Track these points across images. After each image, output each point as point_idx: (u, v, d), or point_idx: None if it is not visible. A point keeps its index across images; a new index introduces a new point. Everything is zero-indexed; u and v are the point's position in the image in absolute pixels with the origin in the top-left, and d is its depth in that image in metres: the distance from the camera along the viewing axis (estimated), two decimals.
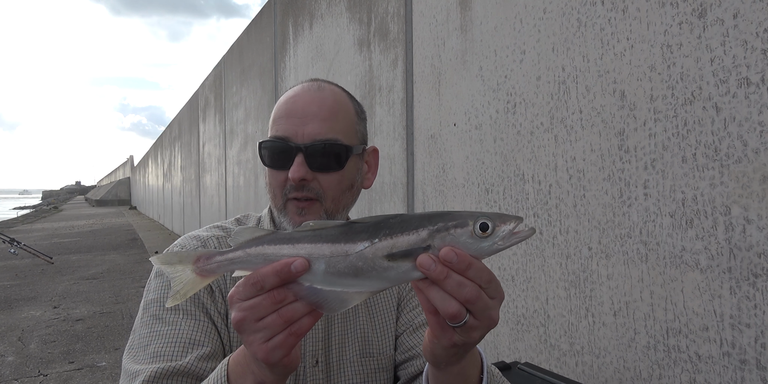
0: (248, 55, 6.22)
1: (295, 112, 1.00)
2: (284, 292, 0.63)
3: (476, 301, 0.62)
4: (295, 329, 0.64)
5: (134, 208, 29.80)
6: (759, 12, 1.18)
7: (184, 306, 0.96)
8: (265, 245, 0.65)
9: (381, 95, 2.98)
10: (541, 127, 1.81)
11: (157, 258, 0.69)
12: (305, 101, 1.01)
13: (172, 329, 0.93)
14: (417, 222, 0.63)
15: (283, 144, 0.99)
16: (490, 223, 0.62)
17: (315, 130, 0.99)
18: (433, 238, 0.62)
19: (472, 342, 0.67)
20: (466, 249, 0.62)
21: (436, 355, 0.72)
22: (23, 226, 18.47)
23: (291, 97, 1.03)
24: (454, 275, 0.61)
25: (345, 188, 1.04)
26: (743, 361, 1.23)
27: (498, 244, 0.63)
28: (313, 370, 1.03)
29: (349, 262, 0.62)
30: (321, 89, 1.04)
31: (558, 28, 1.74)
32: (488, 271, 0.64)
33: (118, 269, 8.14)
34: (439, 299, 0.62)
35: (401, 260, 0.62)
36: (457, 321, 0.63)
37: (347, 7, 3.44)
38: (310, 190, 1.00)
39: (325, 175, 1.00)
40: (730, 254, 1.25)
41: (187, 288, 0.67)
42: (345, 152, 1.02)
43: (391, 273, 0.62)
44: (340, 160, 1.01)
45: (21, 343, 4.61)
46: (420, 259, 0.61)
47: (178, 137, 12.96)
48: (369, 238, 0.62)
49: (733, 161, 1.24)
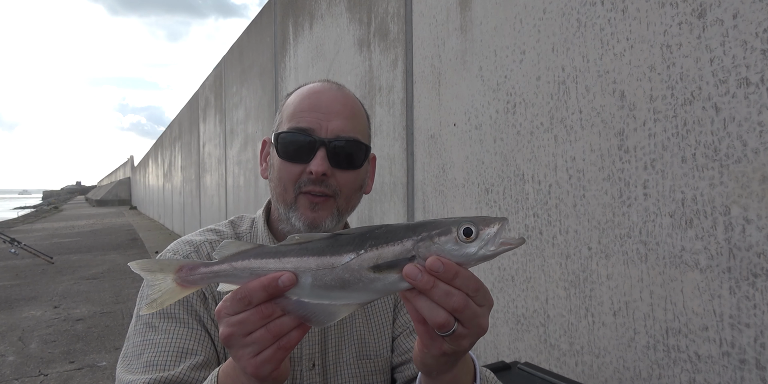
0: (248, 55, 6.22)
1: (320, 107, 1.00)
2: (272, 306, 0.62)
3: (464, 309, 0.62)
4: (283, 343, 0.63)
5: (134, 208, 29.81)
6: (759, 12, 1.18)
7: (178, 314, 0.96)
8: (251, 259, 0.64)
9: (381, 95, 2.99)
10: (541, 127, 1.82)
11: (137, 264, 0.67)
12: (329, 98, 1.01)
13: (164, 338, 0.93)
14: (402, 232, 0.63)
15: (305, 136, 0.98)
16: (473, 228, 0.62)
17: (339, 127, 0.99)
18: (419, 247, 0.62)
19: (462, 350, 0.67)
20: (452, 256, 0.62)
21: (426, 364, 0.72)
22: (24, 226, 18.48)
23: (314, 93, 1.02)
24: (440, 284, 0.61)
25: (357, 188, 1.04)
26: (743, 360, 1.23)
27: (484, 249, 0.62)
28: (309, 374, 1.03)
29: (335, 275, 0.62)
30: (341, 89, 1.05)
31: (558, 28, 1.74)
32: (475, 279, 0.63)
33: (119, 269, 8.14)
34: (426, 309, 0.62)
35: (388, 271, 0.61)
36: (446, 330, 0.63)
37: (347, 7, 3.44)
38: (328, 186, 0.99)
39: (343, 173, 1.00)
40: (729, 254, 1.25)
41: (164, 297, 0.66)
42: (365, 152, 1.03)
43: (378, 284, 0.62)
44: (360, 159, 1.02)
45: (21, 343, 4.61)
46: (406, 270, 0.61)
47: (179, 137, 12.96)
48: (355, 250, 0.62)
49: (733, 161, 1.24)
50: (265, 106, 5.41)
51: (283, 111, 1.05)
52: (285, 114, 1.04)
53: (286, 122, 1.02)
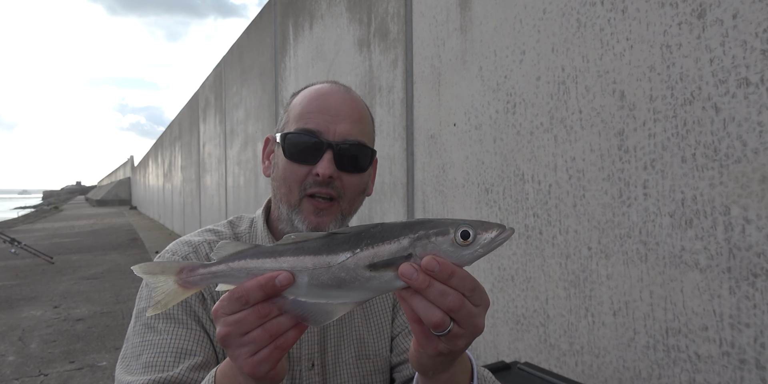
0: (248, 56, 6.22)
1: (328, 110, 1.00)
2: (269, 306, 0.62)
3: (460, 309, 0.62)
4: (280, 343, 0.63)
5: (134, 208, 29.81)
6: (758, 12, 1.19)
7: (176, 315, 0.96)
8: (248, 259, 0.64)
9: (381, 95, 2.99)
10: (540, 127, 1.82)
11: (140, 267, 0.68)
12: (337, 101, 1.01)
13: (163, 339, 0.93)
14: (398, 231, 0.62)
15: (313, 138, 0.98)
16: (471, 231, 0.61)
17: (347, 130, 0.99)
18: (415, 246, 0.61)
19: (458, 350, 0.67)
20: (448, 257, 0.61)
21: (422, 363, 0.71)
22: (24, 226, 18.48)
23: (322, 95, 1.02)
24: (436, 284, 0.61)
25: (360, 191, 1.05)
26: (742, 360, 1.23)
27: (479, 250, 0.62)
28: (309, 373, 1.03)
29: (331, 274, 0.62)
30: (348, 92, 1.05)
31: (558, 28, 1.74)
32: (472, 279, 0.63)
33: (119, 269, 8.14)
34: (422, 308, 0.62)
35: (383, 270, 0.61)
36: (441, 330, 0.63)
37: (347, 7, 3.44)
38: (334, 188, 0.99)
39: (349, 176, 1.00)
40: (729, 254, 1.25)
41: (168, 298, 0.66)
42: (370, 156, 1.03)
43: (374, 283, 0.62)
44: (365, 162, 1.02)
45: (21, 343, 4.61)
46: (402, 268, 0.60)
47: (179, 137, 12.97)
48: (350, 249, 0.62)
49: (733, 161, 1.24)
50: (265, 106, 5.41)
51: (290, 111, 1.05)
52: (292, 114, 1.03)
53: (294, 123, 1.01)
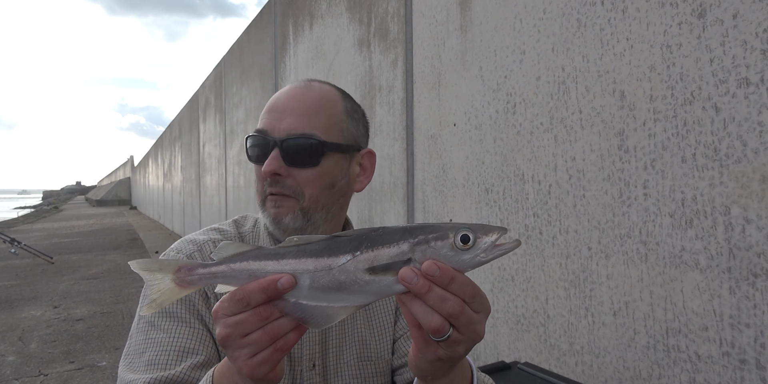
0: (248, 55, 6.22)
1: (276, 107, 1.00)
2: (270, 308, 0.62)
3: (459, 315, 0.61)
4: (280, 345, 0.63)
5: (134, 208, 29.81)
6: (758, 12, 1.18)
7: (179, 313, 0.96)
8: (249, 261, 0.64)
9: (381, 95, 2.99)
10: (540, 127, 1.82)
11: (137, 263, 0.67)
12: (287, 97, 1.01)
13: (166, 337, 0.93)
14: (398, 235, 0.62)
15: (260, 138, 1.00)
16: (471, 235, 0.61)
17: (291, 125, 0.98)
18: (414, 251, 0.61)
19: (457, 356, 0.66)
20: (448, 262, 0.61)
21: (421, 368, 0.71)
22: (24, 226, 18.48)
23: (278, 94, 1.04)
24: (436, 289, 0.60)
25: (324, 186, 1.01)
26: (743, 360, 1.23)
27: (480, 256, 0.61)
28: (310, 374, 1.02)
29: (332, 277, 0.61)
30: (308, 87, 1.03)
31: (558, 28, 1.74)
32: (473, 285, 0.63)
33: (119, 269, 8.13)
34: (421, 313, 0.61)
35: (383, 273, 0.61)
36: (440, 335, 0.62)
37: (347, 7, 3.44)
38: (286, 187, 0.99)
39: (300, 171, 0.99)
40: (729, 254, 1.25)
41: (164, 297, 0.66)
42: (320, 148, 0.99)
43: (373, 286, 0.61)
44: (315, 155, 0.99)
45: (21, 343, 4.61)
46: (402, 273, 0.60)
47: (179, 137, 12.96)
48: (351, 252, 0.62)
49: (733, 161, 1.24)
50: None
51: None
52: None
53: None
